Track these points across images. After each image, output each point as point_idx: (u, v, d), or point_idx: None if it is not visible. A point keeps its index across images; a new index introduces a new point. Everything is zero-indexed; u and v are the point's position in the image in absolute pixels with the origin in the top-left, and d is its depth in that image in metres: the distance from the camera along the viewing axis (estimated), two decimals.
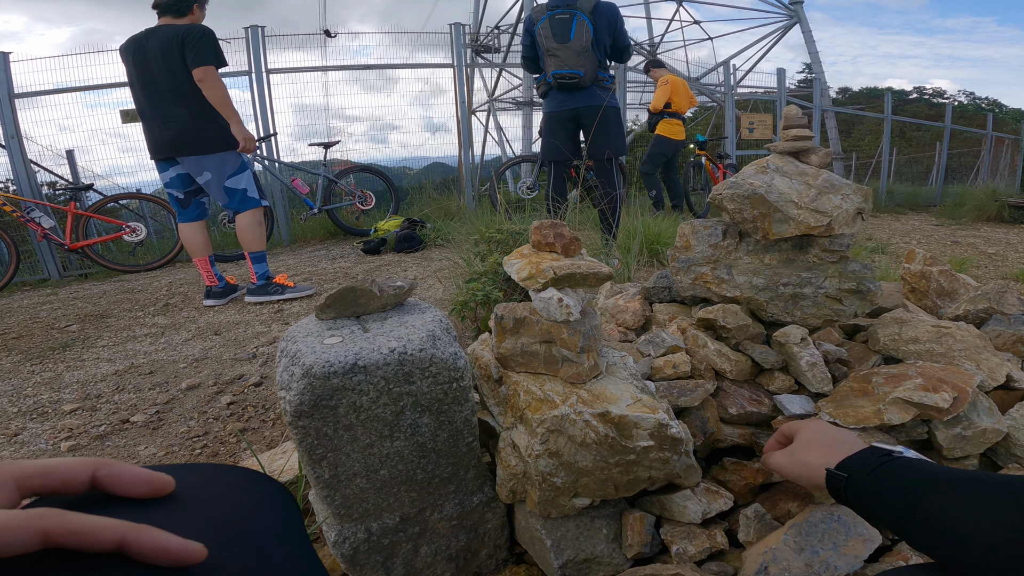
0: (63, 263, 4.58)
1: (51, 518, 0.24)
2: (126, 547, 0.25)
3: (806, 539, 0.85)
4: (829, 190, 1.11)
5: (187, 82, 2.71)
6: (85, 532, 0.24)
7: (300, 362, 0.68)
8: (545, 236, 0.74)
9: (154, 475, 0.30)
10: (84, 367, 2.22)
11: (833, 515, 0.87)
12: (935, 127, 11.44)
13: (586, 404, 0.78)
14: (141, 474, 0.29)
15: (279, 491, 0.35)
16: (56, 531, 0.24)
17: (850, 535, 0.85)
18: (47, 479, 0.28)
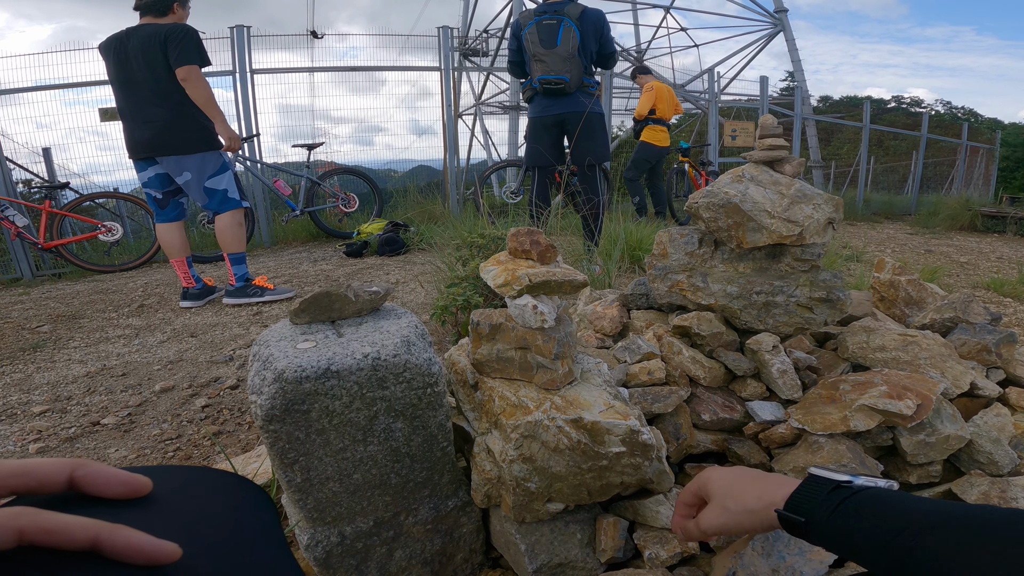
0: (36, 262, 4.48)
1: (26, 516, 0.24)
2: (100, 546, 0.25)
3: (773, 545, 0.86)
4: (801, 200, 1.13)
5: (168, 81, 2.67)
6: (59, 531, 0.25)
7: (272, 366, 0.68)
8: (521, 243, 0.75)
9: (131, 476, 0.30)
10: (55, 368, 2.17)
11: None
12: (912, 136, 11.71)
13: (559, 410, 0.79)
14: (118, 475, 0.30)
15: (257, 494, 0.35)
16: (31, 529, 0.24)
17: None
18: (24, 479, 0.28)
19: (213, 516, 0.31)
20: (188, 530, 0.29)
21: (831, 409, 1.04)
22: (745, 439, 1.11)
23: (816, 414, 1.04)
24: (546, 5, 3.15)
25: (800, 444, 1.04)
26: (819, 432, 1.01)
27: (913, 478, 1.03)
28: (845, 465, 0.98)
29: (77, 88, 5.31)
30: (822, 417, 1.02)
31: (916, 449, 1.01)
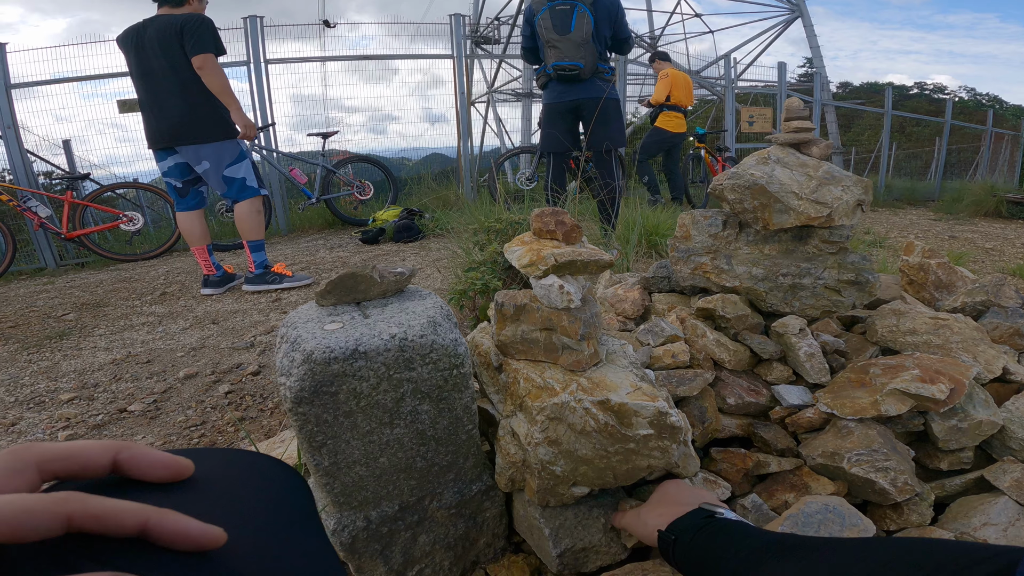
0: (60, 252, 4.56)
1: (75, 502, 0.24)
2: (148, 531, 0.25)
3: (802, 530, 0.84)
4: (830, 181, 1.11)
5: (186, 71, 2.69)
6: (108, 516, 0.24)
7: (300, 348, 0.67)
8: (546, 223, 0.74)
9: (174, 459, 0.30)
10: (81, 356, 2.21)
11: (828, 506, 0.87)
12: (935, 122, 11.43)
13: (586, 392, 0.78)
14: (161, 458, 0.29)
15: (293, 476, 0.35)
16: (80, 515, 0.24)
17: (845, 525, 0.85)
18: (68, 462, 0.28)
19: (254, 499, 0.31)
20: (230, 513, 0.29)
21: (861, 393, 1.02)
22: (771, 423, 1.09)
23: (845, 398, 1.02)
24: None
25: (829, 429, 1.03)
26: (848, 417, 0.99)
27: (944, 464, 1.01)
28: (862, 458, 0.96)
29: (95, 80, 5.36)
30: (852, 401, 1.01)
31: (948, 435, 0.99)
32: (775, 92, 8.07)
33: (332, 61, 6.19)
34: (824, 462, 0.97)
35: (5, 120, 4.52)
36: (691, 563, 0.61)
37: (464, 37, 5.90)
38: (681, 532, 0.63)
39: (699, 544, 0.60)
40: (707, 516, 0.63)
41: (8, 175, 4.74)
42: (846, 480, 0.96)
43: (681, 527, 0.64)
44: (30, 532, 0.23)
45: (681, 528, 0.64)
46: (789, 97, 1.20)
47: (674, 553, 0.63)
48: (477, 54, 11.95)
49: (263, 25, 5.25)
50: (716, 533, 0.60)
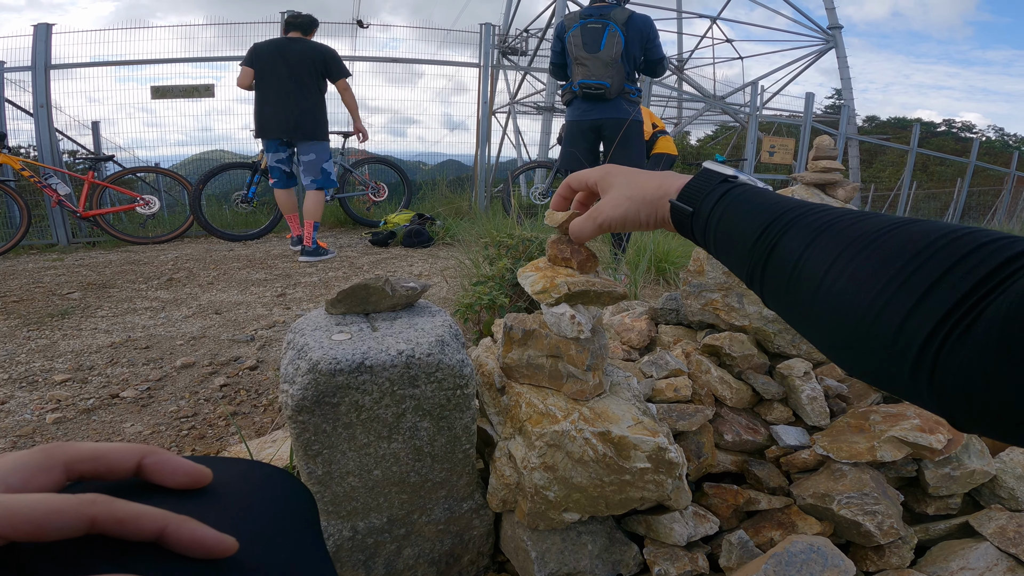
0: (73, 230, 4.61)
1: (101, 504, 0.24)
2: (165, 537, 0.25)
3: (785, 569, 0.85)
4: None
5: (316, 85, 3.66)
6: (130, 520, 0.25)
7: (307, 356, 0.67)
8: (562, 251, 0.74)
9: (195, 467, 0.30)
10: (81, 337, 2.22)
11: (813, 547, 0.88)
12: (959, 162, 11.36)
13: (588, 422, 0.78)
14: (183, 465, 0.30)
15: (302, 491, 0.35)
16: (104, 518, 0.24)
17: (827, 566, 0.86)
18: (95, 464, 0.28)
19: (265, 511, 0.32)
20: (241, 523, 0.29)
21: (858, 438, 1.04)
22: (766, 462, 1.10)
23: (843, 442, 1.03)
24: (592, 8, 3.12)
25: (822, 470, 1.04)
26: (844, 460, 1.00)
27: (931, 509, 1.03)
28: (864, 490, 0.95)
29: (131, 66, 5.44)
30: (848, 446, 1.02)
31: (940, 482, 1.02)
32: (799, 123, 8.05)
33: (361, 61, 6.25)
34: (814, 502, 0.98)
35: (39, 99, 4.59)
36: (715, 233, 0.50)
37: (492, 47, 5.95)
38: (698, 201, 0.52)
39: (727, 212, 0.49)
40: (723, 180, 0.53)
41: (33, 151, 4.81)
42: (833, 521, 0.98)
43: (695, 196, 0.53)
44: (54, 532, 0.23)
45: (696, 197, 0.53)
46: (820, 135, 1.20)
47: (692, 224, 0.53)
48: (503, 64, 12.04)
49: None
50: (748, 196, 0.49)
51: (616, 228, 0.62)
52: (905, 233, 0.34)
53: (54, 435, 1.48)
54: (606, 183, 0.63)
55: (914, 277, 0.31)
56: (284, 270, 3.44)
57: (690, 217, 0.53)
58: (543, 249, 1.86)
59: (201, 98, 5.53)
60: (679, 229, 0.56)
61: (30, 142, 4.77)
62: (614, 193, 0.62)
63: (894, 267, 0.33)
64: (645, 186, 0.59)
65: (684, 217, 0.54)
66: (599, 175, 0.64)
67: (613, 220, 0.61)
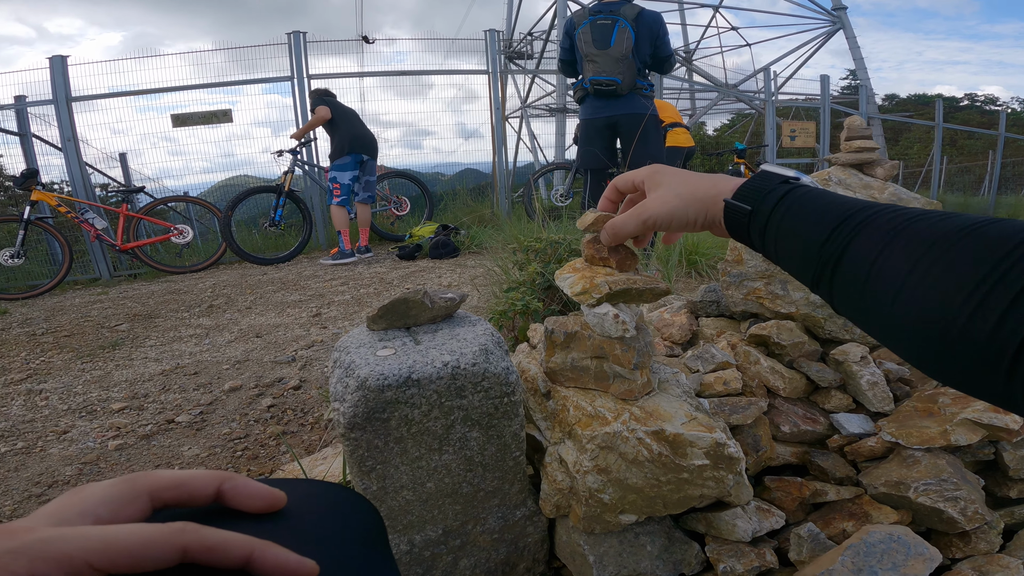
0: (114, 263, 4.76)
1: (191, 533, 0.25)
2: (251, 563, 0.25)
3: (864, 560, 0.82)
4: (897, 204, 1.06)
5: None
6: (219, 548, 0.25)
7: (354, 374, 0.67)
8: (599, 251, 0.72)
9: (271, 491, 0.30)
10: (132, 366, 2.29)
11: (893, 536, 0.85)
12: (988, 135, 10.98)
13: (639, 421, 0.76)
14: (260, 489, 0.30)
15: (371, 511, 0.35)
16: (195, 547, 0.24)
17: (910, 555, 0.83)
18: (178, 491, 0.28)
19: (340, 532, 0.32)
20: (318, 545, 0.29)
21: (929, 423, 0.99)
22: (829, 452, 1.06)
23: (912, 427, 0.99)
24: (601, 5, 3.10)
25: (892, 458, 1.00)
26: (915, 446, 0.96)
27: (1014, 492, 0.99)
28: (942, 473, 0.91)
29: (149, 95, 5.57)
30: (919, 431, 0.98)
31: (1020, 464, 0.98)
32: (817, 105, 7.87)
33: (370, 76, 6.30)
34: (888, 491, 0.95)
35: (65, 132, 4.73)
36: (776, 236, 0.48)
37: (498, 52, 5.96)
38: (756, 201, 0.50)
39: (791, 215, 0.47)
40: (783, 182, 0.50)
41: (67, 187, 4.97)
42: (911, 509, 0.94)
43: (753, 196, 0.51)
44: (150, 563, 0.23)
45: (754, 196, 0.51)
46: (842, 116, 1.16)
47: (750, 225, 0.51)
48: (511, 69, 12.06)
49: (306, 41, 5.38)
50: (812, 196, 0.47)
51: (662, 227, 0.59)
52: (989, 233, 0.33)
53: (117, 461, 1.53)
54: (654, 181, 0.61)
55: (1005, 279, 0.30)
56: (317, 290, 3.49)
57: (747, 217, 0.50)
58: (572, 251, 1.85)
59: (220, 124, 5.63)
60: (732, 231, 0.53)
61: (61, 177, 4.91)
62: (662, 191, 0.59)
63: (982, 270, 0.31)
64: (696, 185, 0.57)
65: (741, 217, 0.51)
66: (647, 173, 0.62)
67: (659, 217, 0.58)
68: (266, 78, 5.57)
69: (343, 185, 4.46)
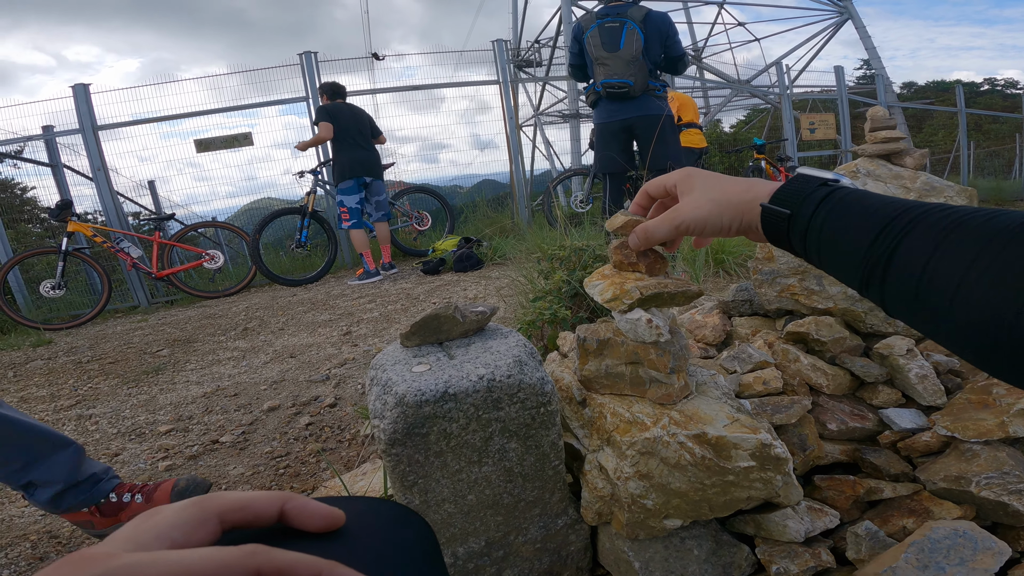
0: (151, 291, 4.90)
1: (261, 555, 0.25)
2: None
3: (929, 556, 0.80)
4: (930, 193, 1.03)
5: (373, 137, 4.66)
6: (289, 569, 0.25)
7: (392, 391, 0.68)
8: (627, 256, 0.72)
9: (331, 510, 0.31)
10: (176, 390, 2.35)
11: (958, 531, 0.82)
12: (1014, 118, 10.65)
13: (679, 426, 0.75)
14: (321, 509, 0.31)
15: (425, 526, 0.36)
16: (267, 568, 0.25)
17: (977, 549, 0.80)
18: (245, 513, 0.29)
19: (394, 548, 0.32)
20: (377, 563, 0.30)
21: (985, 415, 0.96)
22: (881, 448, 1.02)
23: (967, 420, 0.95)
24: (608, 8, 3.10)
25: (949, 452, 0.96)
26: (972, 439, 0.93)
27: None
28: (1007, 470, 0.87)
29: (172, 121, 5.60)
30: (975, 423, 0.94)
31: None
32: (833, 97, 7.72)
33: (382, 93, 6.35)
34: (948, 486, 0.92)
35: (95, 162, 4.79)
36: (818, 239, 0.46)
37: (507, 62, 5.99)
38: (795, 204, 0.48)
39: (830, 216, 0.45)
40: (822, 184, 0.48)
41: (100, 216, 5.10)
42: (974, 504, 0.90)
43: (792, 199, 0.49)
44: None
45: (792, 200, 0.49)
46: (866, 107, 1.14)
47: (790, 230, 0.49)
48: (521, 78, 12.11)
49: (317, 60, 5.43)
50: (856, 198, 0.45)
51: (695, 231, 0.58)
52: None
53: None
54: (687, 185, 0.60)
55: None
56: (346, 309, 3.54)
57: (787, 221, 0.49)
58: (597, 257, 1.84)
59: (241, 147, 5.70)
60: (770, 235, 0.52)
61: (94, 207, 5.00)
62: (696, 195, 0.58)
63: None
64: (731, 189, 0.56)
65: (779, 221, 0.50)
66: (680, 177, 0.61)
67: (693, 222, 0.57)
68: (281, 100, 5.63)
69: (351, 209, 4.49)
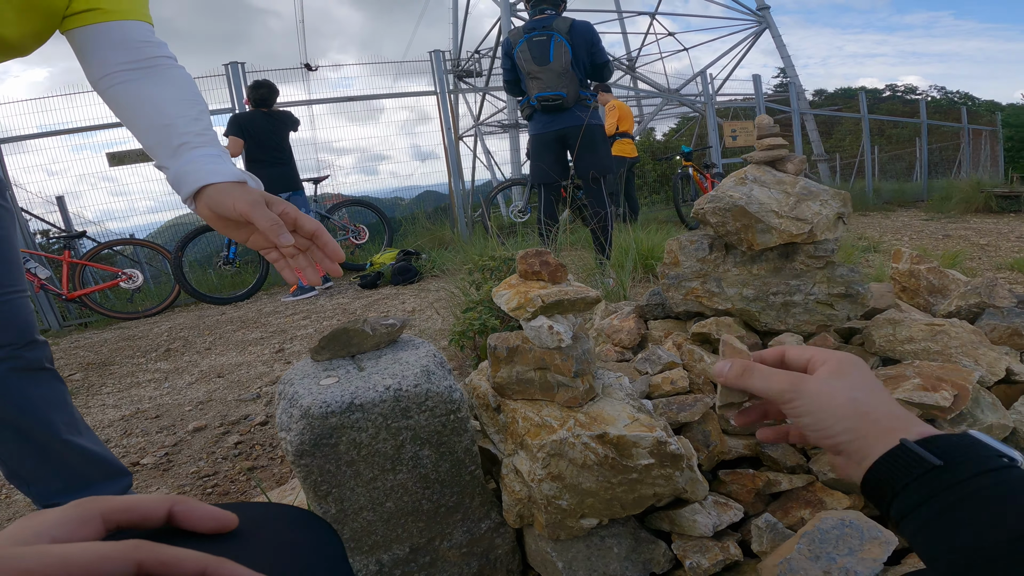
0: (62, 313, 4.58)
1: (145, 549, 0.26)
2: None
3: (820, 546, 0.84)
4: (808, 197, 1.13)
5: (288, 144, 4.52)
6: (173, 563, 0.26)
7: (298, 403, 0.69)
8: (531, 265, 0.76)
9: (221, 512, 0.32)
10: (90, 413, 2.22)
11: (845, 521, 0.86)
12: (913, 123, 11.68)
13: (584, 427, 0.79)
14: (210, 511, 0.32)
15: (326, 528, 0.37)
16: (150, 561, 0.26)
17: (864, 539, 0.84)
18: (130, 514, 0.30)
19: (290, 550, 0.33)
20: (271, 564, 0.31)
21: None
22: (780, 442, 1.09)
23: None
24: (534, 22, 3.18)
25: None
26: None
27: None
28: None
29: (83, 133, 5.29)
30: None
31: None
32: (753, 105, 8.24)
33: (318, 104, 6.21)
34: (836, 476, 0.96)
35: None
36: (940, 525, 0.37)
37: (446, 72, 6.02)
38: (954, 461, 0.39)
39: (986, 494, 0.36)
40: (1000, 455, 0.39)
41: None
42: (861, 493, 0.95)
43: (952, 453, 0.39)
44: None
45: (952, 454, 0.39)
46: (760, 115, 1.24)
47: (919, 483, 0.39)
48: (461, 88, 12.16)
49: (244, 71, 5.26)
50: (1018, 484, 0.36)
51: (799, 413, 0.48)
52: None
53: None
54: (838, 368, 0.49)
55: None
56: (279, 327, 3.44)
57: (925, 471, 0.39)
58: None
59: None
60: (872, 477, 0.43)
61: None
62: (840, 383, 0.47)
63: None
64: (883, 408, 0.46)
65: (911, 466, 0.40)
66: (839, 357, 0.51)
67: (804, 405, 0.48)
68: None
69: None
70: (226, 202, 0.70)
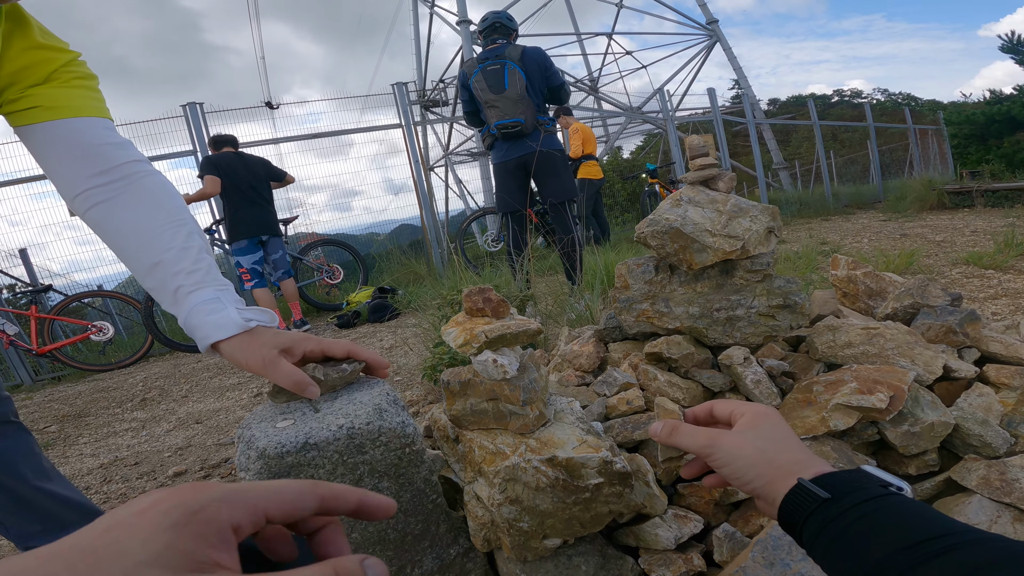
0: (34, 368, 4.49)
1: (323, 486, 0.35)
2: (363, 504, 0.36)
3: (773, 553, 0.85)
4: (738, 214, 1.20)
5: (268, 187, 4.44)
6: (342, 495, 0.36)
7: (254, 446, 0.73)
8: (475, 302, 0.81)
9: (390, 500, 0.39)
10: (68, 463, 2.20)
11: None
12: (861, 127, 12.12)
13: (534, 452, 0.84)
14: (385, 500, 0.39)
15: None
16: (326, 495, 0.35)
17: None
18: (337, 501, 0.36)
19: None
20: None
21: (809, 412, 1.04)
22: None
23: (796, 418, 1.04)
24: (487, 52, 3.24)
25: None
26: (802, 436, 1.00)
27: (912, 469, 1.02)
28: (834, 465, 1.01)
29: (43, 180, 5.08)
30: (802, 421, 1.03)
31: (904, 440, 1.00)
32: (711, 118, 8.50)
33: (283, 142, 6.16)
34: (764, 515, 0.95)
35: None
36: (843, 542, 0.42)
37: (410, 104, 6.07)
38: (840, 493, 0.45)
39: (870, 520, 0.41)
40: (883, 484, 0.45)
41: None
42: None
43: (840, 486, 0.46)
44: (303, 511, 0.33)
45: (840, 487, 0.46)
46: (690, 136, 1.29)
47: (811, 517, 0.45)
48: (428, 119, 12.29)
49: (204, 111, 5.22)
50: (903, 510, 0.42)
51: (718, 465, 0.55)
52: None
53: None
54: (753, 422, 0.57)
55: None
56: None
57: (816, 504, 0.45)
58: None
59: None
60: (785, 513, 0.48)
61: None
62: (750, 435, 0.54)
63: None
64: (785, 455, 0.52)
65: (808, 503, 0.46)
66: (754, 411, 0.58)
67: (722, 456, 0.54)
68: (166, 154, 5.34)
69: (250, 269, 4.31)
70: (240, 362, 0.72)
